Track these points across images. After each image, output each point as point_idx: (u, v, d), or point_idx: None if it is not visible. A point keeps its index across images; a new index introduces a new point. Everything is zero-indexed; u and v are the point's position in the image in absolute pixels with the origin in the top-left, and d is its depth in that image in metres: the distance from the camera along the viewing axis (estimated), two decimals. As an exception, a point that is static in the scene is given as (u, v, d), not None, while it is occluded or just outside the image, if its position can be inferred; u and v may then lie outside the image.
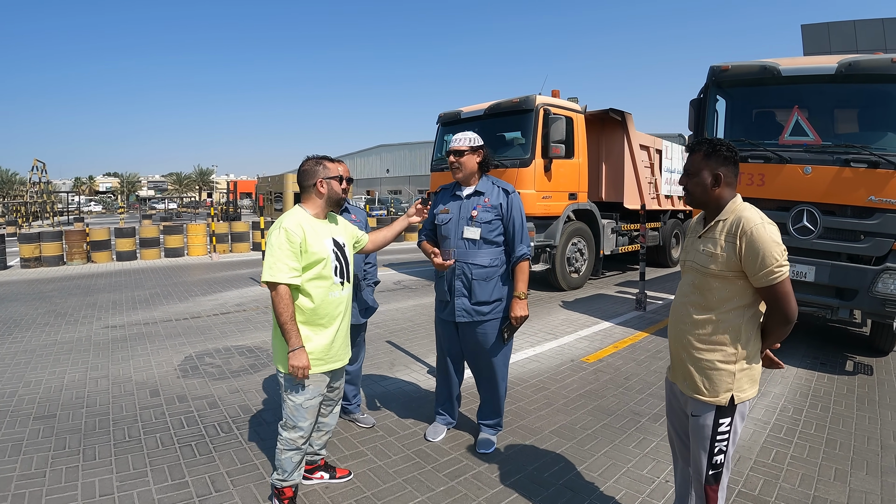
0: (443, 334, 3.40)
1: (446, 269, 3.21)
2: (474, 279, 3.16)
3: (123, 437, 3.50)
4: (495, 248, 3.20)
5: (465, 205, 3.22)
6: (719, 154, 2.00)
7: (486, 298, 3.16)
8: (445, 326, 3.36)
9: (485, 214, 3.16)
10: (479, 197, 3.21)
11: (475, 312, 3.19)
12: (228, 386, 4.44)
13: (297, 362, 2.37)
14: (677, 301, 2.16)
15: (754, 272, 1.87)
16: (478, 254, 3.17)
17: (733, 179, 2.04)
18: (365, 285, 3.60)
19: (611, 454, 3.33)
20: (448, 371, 3.45)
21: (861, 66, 5.00)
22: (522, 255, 3.18)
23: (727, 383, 1.96)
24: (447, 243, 3.24)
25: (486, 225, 3.15)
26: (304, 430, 2.53)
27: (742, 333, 1.96)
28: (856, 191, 4.90)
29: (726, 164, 2.01)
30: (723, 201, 2.03)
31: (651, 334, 6.26)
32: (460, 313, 3.21)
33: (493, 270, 3.18)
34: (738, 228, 1.91)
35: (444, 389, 3.52)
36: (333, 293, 2.53)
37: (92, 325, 6.50)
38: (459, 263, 3.19)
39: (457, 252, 3.18)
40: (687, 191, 2.10)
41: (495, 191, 3.23)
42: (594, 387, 4.51)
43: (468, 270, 3.17)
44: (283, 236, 2.39)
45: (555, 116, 8.02)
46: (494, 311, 3.20)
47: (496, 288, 3.19)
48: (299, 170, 2.60)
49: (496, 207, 3.18)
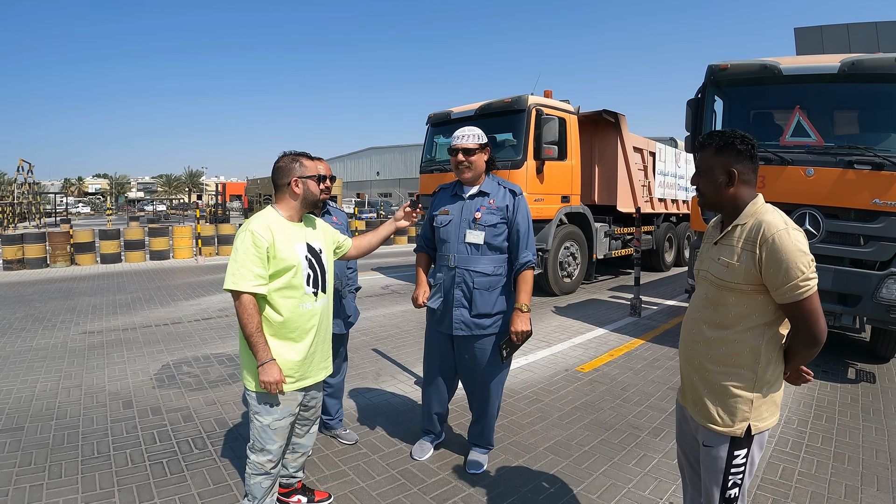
0: (435, 346, 3.12)
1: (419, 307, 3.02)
2: (476, 288, 2.89)
3: (92, 452, 3.29)
4: (499, 255, 2.95)
5: (468, 206, 2.95)
6: (732, 148, 1.77)
7: (487, 311, 2.90)
8: (439, 338, 3.08)
9: (489, 217, 2.89)
10: (484, 198, 2.94)
11: (475, 326, 2.92)
12: (205, 397, 4.21)
13: (268, 377, 2.14)
14: (689, 316, 1.94)
15: (777, 286, 1.64)
16: (480, 260, 2.90)
17: (751, 177, 1.80)
18: (346, 292, 3.38)
19: (610, 473, 3.13)
20: (438, 386, 3.18)
21: (864, 66, 4.87)
22: (527, 263, 2.91)
23: (743, 412, 1.74)
24: (446, 247, 2.98)
25: (491, 229, 2.88)
26: (273, 453, 2.29)
27: (762, 356, 1.72)
28: (859, 193, 4.77)
29: (741, 160, 1.77)
30: (740, 203, 1.80)
31: (647, 341, 6.08)
32: (458, 326, 2.93)
33: (496, 279, 2.92)
34: (759, 235, 1.68)
35: (431, 405, 3.24)
36: (305, 305, 2.28)
37: (69, 331, 6.26)
38: (460, 270, 2.92)
39: (457, 258, 2.92)
40: (699, 191, 1.88)
41: (501, 192, 2.96)
42: (590, 398, 4.31)
43: (469, 279, 2.90)
44: (249, 240, 2.15)
45: (547, 117, 7.84)
46: (496, 324, 2.94)
47: (499, 299, 2.93)
48: (273, 167, 2.35)
49: (502, 210, 2.91)
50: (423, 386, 3.27)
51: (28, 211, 28.92)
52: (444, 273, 3.01)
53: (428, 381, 3.22)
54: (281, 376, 2.17)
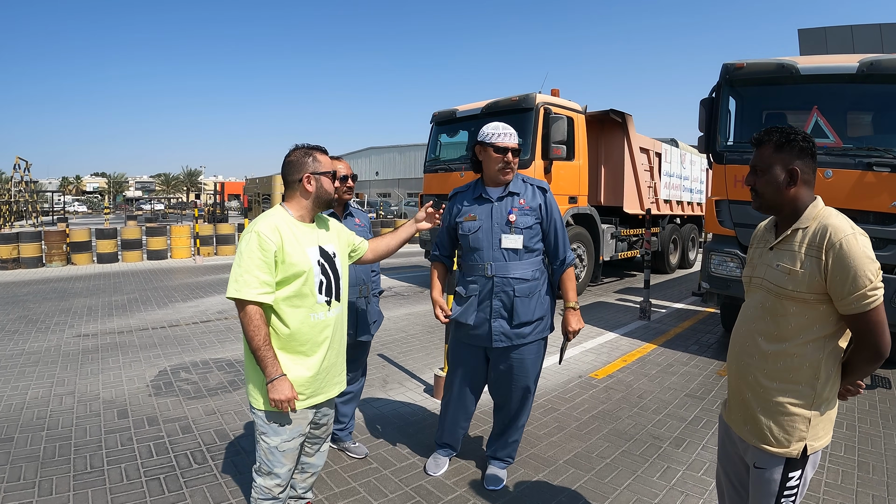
0: (466, 360, 2.90)
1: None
2: (517, 296, 2.68)
3: (85, 467, 3.11)
4: (536, 257, 2.76)
5: (498, 208, 2.72)
6: (794, 144, 1.63)
7: (528, 318, 2.72)
8: (471, 351, 2.87)
9: (524, 219, 2.69)
10: (514, 198, 2.72)
11: (515, 336, 2.73)
12: (204, 406, 4.03)
13: (279, 395, 1.93)
14: (742, 328, 1.78)
15: (842, 295, 1.51)
16: (519, 266, 2.69)
17: (811, 176, 1.67)
18: (372, 297, 3.22)
19: (634, 487, 2.97)
20: (465, 401, 2.98)
21: (883, 66, 4.75)
22: (571, 261, 2.80)
23: (801, 431, 1.60)
24: (479, 256, 2.74)
25: (528, 231, 2.69)
26: (282, 476, 2.09)
27: (822, 370, 1.59)
28: (878, 196, 4.65)
29: (803, 157, 1.64)
30: (800, 204, 1.66)
31: (659, 346, 5.93)
32: (498, 338, 2.72)
33: (535, 284, 2.74)
34: (825, 240, 1.54)
35: (458, 421, 3.03)
36: (317, 315, 2.07)
37: (63, 334, 6.08)
38: (499, 279, 2.70)
39: (494, 266, 2.71)
40: (755, 192, 1.72)
41: (530, 190, 2.76)
42: (607, 407, 4.15)
43: (509, 287, 2.68)
44: (255, 242, 1.94)
45: (555, 116, 7.69)
46: (535, 331, 2.76)
47: (539, 304, 2.75)
48: (284, 160, 2.13)
49: (535, 210, 2.72)
50: (448, 401, 3.04)
51: (25, 210, 28.66)
52: (479, 284, 2.78)
53: (455, 397, 3.00)
54: (293, 392, 1.97)
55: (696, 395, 4.40)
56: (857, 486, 3.02)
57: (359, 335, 3.07)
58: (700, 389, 4.55)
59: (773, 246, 1.71)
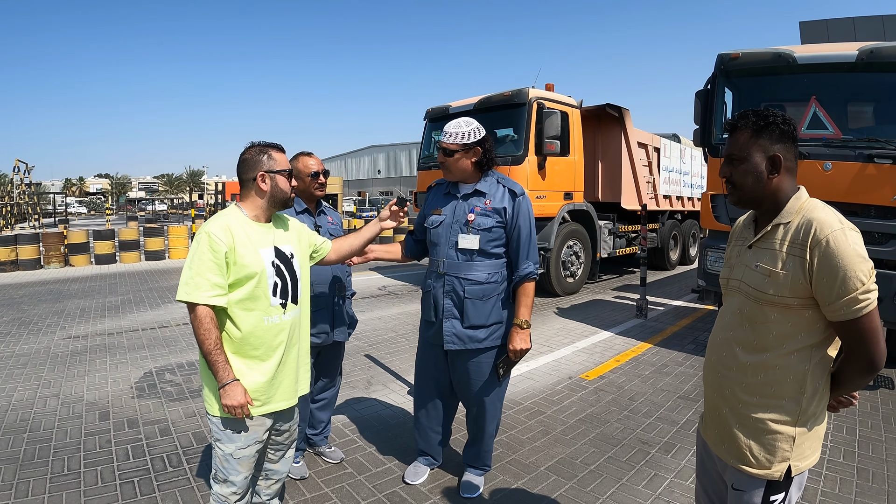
0: (429, 361, 2.82)
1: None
2: (467, 298, 2.57)
3: (62, 469, 3.09)
4: (495, 261, 2.62)
5: (461, 206, 2.63)
6: (774, 128, 1.46)
7: (481, 322, 2.59)
8: (432, 350, 2.78)
9: (484, 219, 2.57)
10: (479, 198, 2.62)
11: (468, 339, 2.61)
12: (185, 409, 3.96)
13: (231, 400, 1.85)
14: (718, 336, 1.62)
15: (830, 300, 1.34)
16: (473, 267, 2.59)
17: (794, 164, 1.50)
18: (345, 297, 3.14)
19: (618, 497, 2.85)
20: (434, 406, 2.86)
21: (883, 54, 4.60)
22: (528, 275, 2.59)
23: (783, 451, 1.44)
24: (436, 251, 2.68)
25: (486, 233, 2.56)
26: (238, 485, 2.01)
27: (807, 384, 1.42)
28: (880, 189, 4.51)
29: (784, 142, 1.46)
30: (782, 196, 1.49)
31: (654, 345, 5.81)
32: (450, 339, 2.62)
33: (491, 287, 2.61)
34: (810, 236, 1.37)
35: (428, 425, 2.90)
36: (271, 318, 1.98)
37: (54, 335, 6.04)
38: (450, 277, 2.62)
39: (446, 264, 2.62)
40: (732, 184, 1.54)
41: (500, 191, 2.63)
42: (596, 409, 4.03)
43: (459, 287, 2.59)
44: (205, 243, 1.85)
45: (549, 111, 7.57)
46: (492, 336, 2.63)
47: (495, 309, 2.61)
48: (239, 158, 2.05)
49: (499, 212, 2.58)
50: (416, 406, 2.94)
51: (27, 211, 28.74)
52: (433, 280, 2.71)
53: (422, 401, 2.89)
54: (246, 398, 1.89)
55: (690, 398, 4.28)
56: (855, 496, 2.89)
57: (335, 336, 2.98)
58: (694, 391, 4.42)
59: (751, 244, 1.55)
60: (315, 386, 3.12)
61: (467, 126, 2.60)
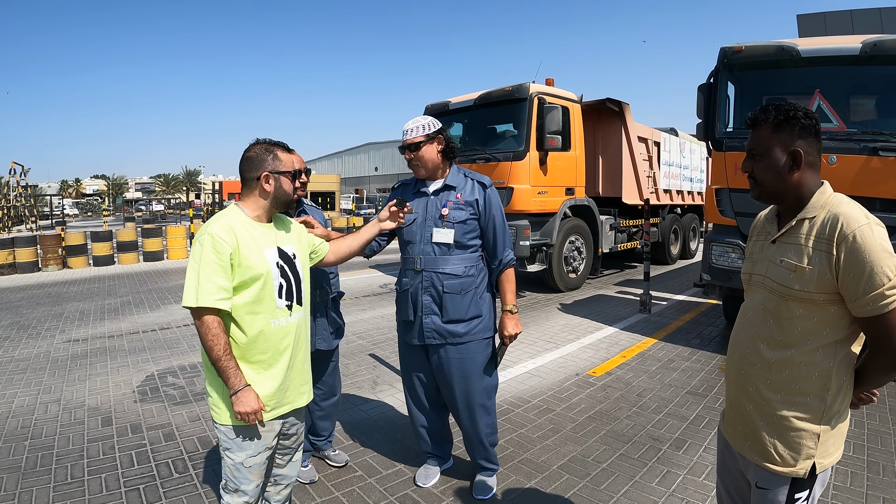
0: (412, 362, 2.82)
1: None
2: (446, 292, 2.59)
3: (65, 477, 3.03)
4: (471, 254, 2.66)
5: (433, 202, 2.67)
6: (795, 123, 1.44)
7: (460, 316, 2.61)
8: (414, 352, 2.78)
9: (458, 213, 2.61)
10: (450, 192, 2.66)
11: (448, 334, 2.62)
12: (189, 412, 3.92)
13: (244, 407, 1.81)
14: (740, 333, 1.60)
15: (857, 295, 1.33)
16: (449, 261, 2.61)
17: (816, 158, 1.48)
18: (331, 300, 3.06)
19: (632, 494, 2.83)
20: (424, 407, 2.86)
21: (887, 47, 4.59)
22: (509, 261, 2.67)
23: (808, 448, 1.42)
24: (411, 249, 2.68)
25: (461, 225, 2.60)
26: (250, 494, 1.97)
27: (833, 380, 1.40)
28: (885, 182, 4.50)
29: (806, 137, 1.44)
30: (805, 191, 1.47)
31: (660, 340, 5.78)
32: (430, 335, 2.63)
33: (469, 281, 2.63)
34: (836, 231, 1.35)
35: (426, 426, 2.90)
36: (277, 320, 1.94)
37: (54, 339, 5.99)
38: (427, 273, 2.62)
39: (423, 260, 2.63)
40: (753, 179, 1.54)
41: (469, 184, 2.68)
42: (605, 406, 4.01)
43: (438, 282, 2.61)
44: (209, 245, 1.80)
45: (550, 106, 7.52)
46: (473, 330, 2.64)
47: (473, 302, 2.63)
48: (243, 156, 1.98)
49: (471, 204, 2.63)
50: (410, 412, 2.93)
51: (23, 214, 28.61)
52: (409, 278, 2.70)
53: (415, 404, 2.89)
54: (259, 403, 1.85)
55: (698, 393, 4.26)
56: (867, 489, 2.87)
57: (317, 344, 2.86)
58: (702, 386, 4.40)
59: (775, 239, 1.53)
60: (315, 395, 3.05)
61: (424, 120, 2.67)
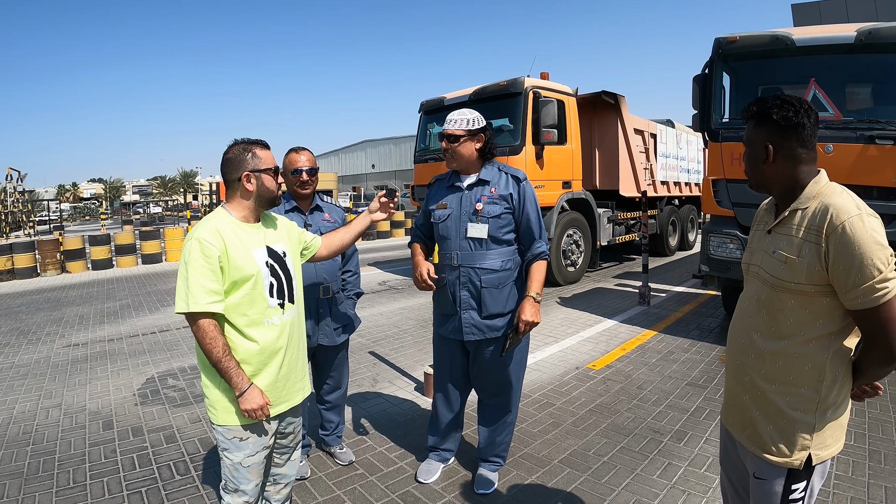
0: (445, 355, 2.84)
1: (425, 289, 2.68)
2: (484, 287, 2.60)
3: (67, 482, 3.04)
4: (507, 248, 2.66)
5: (467, 197, 2.66)
6: (768, 117, 1.46)
7: (499, 310, 2.62)
8: (449, 345, 2.79)
9: (492, 207, 2.60)
10: (484, 187, 2.65)
11: (487, 329, 2.64)
12: (190, 414, 3.92)
13: (251, 404, 1.83)
14: (737, 323, 1.61)
15: (847, 288, 1.33)
16: (486, 256, 2.61)
17: (795, 152, 1.46)
18: (345, 297, 3.06)
19: (633, 487, 2.83)
20: (450, 399, 2.88)
21: (882, 35, 4.58)
22: (541, 253, 2.65)
23: (803, 439, 1.43)
24: (447, 245, 2.68)
25: (495, 220, 2.60)
26: (249, 493, 1.98)
27: (826, 372, 1.40)
28: (882, 170, 4.49)
29: (781, 130, 1.45)
30: (796, 181, 1.47)
31: (659, 332, 5.79)
32: (469, 330, 2.65)
33: (506, 275, 2.64)
34: (826, 222, 1.35)
35: (444, 420, 2.92)
36: (270, 319, 1.94)
37: (54, 344, 5.98)
38: (465, 269, 2.63)
39: (460, 255, 2.63)
40: (747, 169, 1.58)
41: (503, 179, 2.67)
42: (605, 399, 4.01)
43: (475, 277, 2.61)
44: (197, 250, 1.79)
45: (545, 99, 7.52)
46: (510, 324, 2.65)
47: (511, 296, 2.65)
48: (223, 158, 1.97)
49: (505, 199, 2.62)
50: (436, 401, 2.94)
51: (21, 219, 28.53)
52: (447, 273, 2.71)
53: (439, 394, 2.91)
54: (265, 398, 1.87)
55: (699, 384, 4.27)
56: (868, 478, 2.88)
57: (319, 339, 2.88)
58: (702, 377, 4.41)
59: (770, 229, 1.53)
60: (322, 388, 3.08)
61: (471, 114, 2.65)
